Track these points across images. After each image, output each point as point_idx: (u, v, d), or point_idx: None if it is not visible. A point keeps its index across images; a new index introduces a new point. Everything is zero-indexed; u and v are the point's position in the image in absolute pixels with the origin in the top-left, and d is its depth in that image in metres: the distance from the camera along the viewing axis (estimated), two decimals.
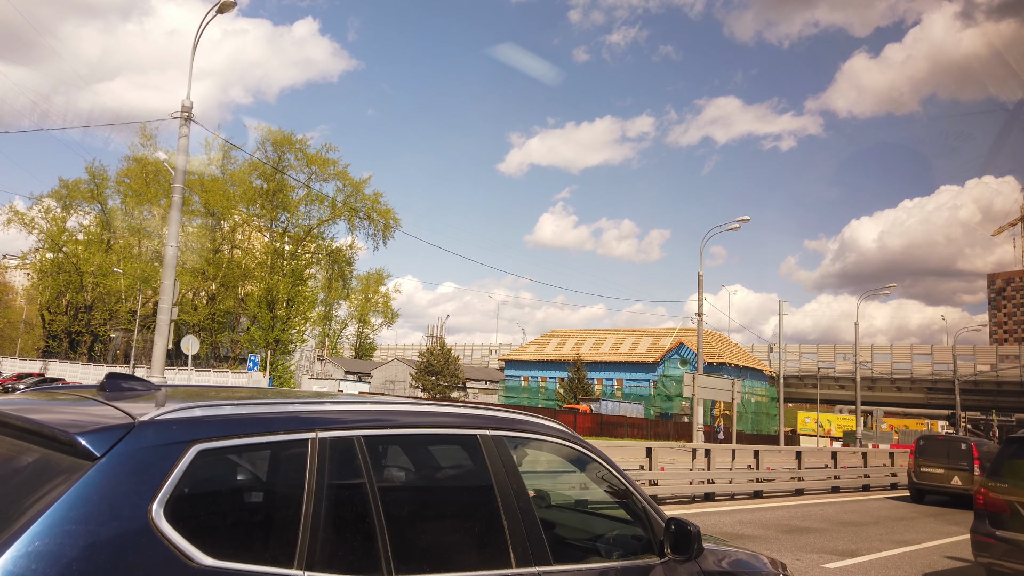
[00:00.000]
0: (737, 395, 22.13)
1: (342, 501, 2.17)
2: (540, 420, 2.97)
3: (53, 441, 1.86)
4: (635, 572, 2.90)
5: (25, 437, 1.93)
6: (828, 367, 71.50)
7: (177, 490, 1.85)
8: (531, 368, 69.42)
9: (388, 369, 71.31)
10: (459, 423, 2.68)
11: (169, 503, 1.82)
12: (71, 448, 1.81)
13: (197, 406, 2.06)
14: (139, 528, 1.77)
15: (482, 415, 2.75)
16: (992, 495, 7.80)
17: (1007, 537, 7.50)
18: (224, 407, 2.10)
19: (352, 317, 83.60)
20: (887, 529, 12.58)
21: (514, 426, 2.81)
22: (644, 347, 64.25)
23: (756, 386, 62.30)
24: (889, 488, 20.94)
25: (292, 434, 2.14)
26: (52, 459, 1.83)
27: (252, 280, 51.55)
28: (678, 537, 2.94)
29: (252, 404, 2.18)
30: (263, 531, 2.07)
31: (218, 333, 55.35)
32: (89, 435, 1.82)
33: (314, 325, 74.89)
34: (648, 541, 3.02)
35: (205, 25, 18.63)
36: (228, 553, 1.89)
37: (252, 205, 49.66)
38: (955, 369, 54.46)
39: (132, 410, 1.99)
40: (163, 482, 1.84)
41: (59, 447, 1.84)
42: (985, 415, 70.84)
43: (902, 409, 73.84)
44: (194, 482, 1.90)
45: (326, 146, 48.12)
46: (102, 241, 58.63)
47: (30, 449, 1.90)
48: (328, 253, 53.16)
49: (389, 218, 49.81)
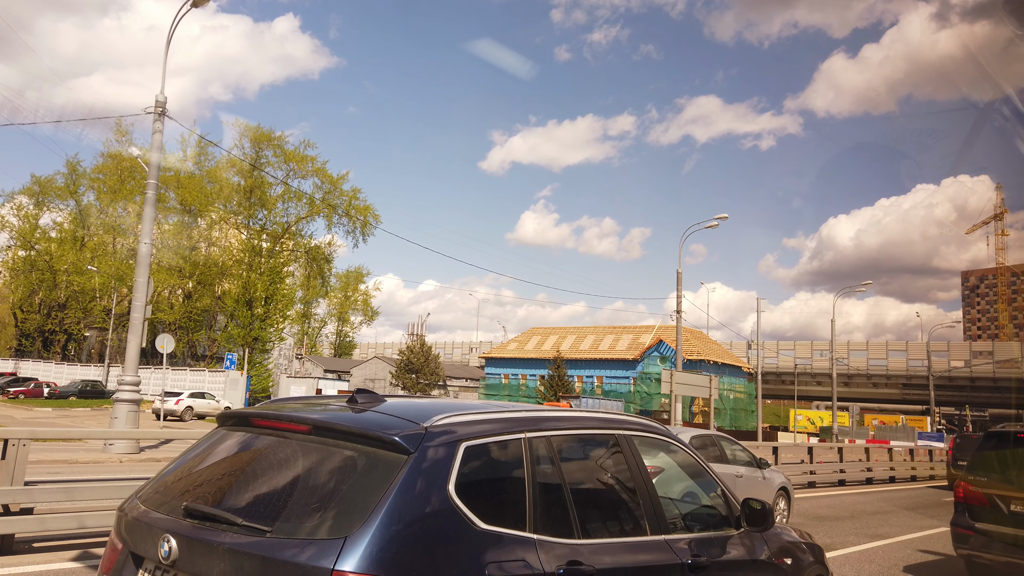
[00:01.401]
0: (715, 391, 22.20)
1: (546, 483, 2.92)
2: (649, 422, 3.83)
3: (378, 441, 2.54)
4: (723, 539, 3.73)
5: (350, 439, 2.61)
6: (805, 364, 72.18)
7: (459, 474, 2.57)
8: (512, 366, 69.33)
9: (368, 367, 70.82)
10: (605, 426, 3.50)
11: (456, 484, 2.54)
12: (392, 446, 2.51)
13: (453, 415, 2.80)
14: (443, 501, 2.48)
15: (616, 419, 3.63)
16: (971, 488, 7.86)
17: (986, 529, 7.56)
18: (469, 415, 2.85)
19: (331, 315, 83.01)
20: (861, 523, 12.66)
21: (636, 427, 3.66)
22: (624, 344, 64.40)
23: (735, 382, 62.64)
24: (864, 483, 21.13)
25: (513, 435, 2.91)
26: (379, 455, 2.52)
27: (229, 278, 50.91)
28: (753, 513, 3.82)
29: (485, 414, 2.94)
30: (508, 504, 2.75)
31: (195, 332, 54.65)
32: (404, 437, 2.53)
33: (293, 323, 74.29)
34: (726, 517, 3.87)
35: (179, 19, 18.33)
36: (492, 519, 2.59)
37: (229, 202, 49.00)
38: (929, 365, 55.20)
39: (412, 418, 2.71)
40: (452, 469, 2.57)
41: (382, 446, 2.53)
42: (959, 410, 71.93)
43: (878, 405, 74.67)
44: (467, 469, 2.62)
45: (304, 143, 47.82)
46: (76, 239, 57.67)
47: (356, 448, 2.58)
48: (307, 251, 52.66)
49: (368, 215, 49.43)
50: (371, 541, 2.24)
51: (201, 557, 2.43)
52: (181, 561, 2.47)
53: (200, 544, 2.44)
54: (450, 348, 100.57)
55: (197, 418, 34.57)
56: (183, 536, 2.49)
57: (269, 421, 2.90)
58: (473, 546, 2.49)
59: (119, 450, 16.82)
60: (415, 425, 2.61)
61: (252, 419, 2.97)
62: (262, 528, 2.38)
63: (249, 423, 2.98)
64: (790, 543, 4.22)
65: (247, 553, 2.32)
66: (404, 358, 60.64)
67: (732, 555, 3.68)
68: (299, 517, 2.41)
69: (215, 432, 3.11)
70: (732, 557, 3.67)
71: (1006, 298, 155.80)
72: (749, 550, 3.81)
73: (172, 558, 2.48)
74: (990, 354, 65.29)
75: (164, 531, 2.55)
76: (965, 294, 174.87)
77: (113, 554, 2.82)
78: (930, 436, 49.89)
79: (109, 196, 53.23)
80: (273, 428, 2.86)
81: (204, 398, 35.90)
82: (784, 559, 4.05)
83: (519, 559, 2.59)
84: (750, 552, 3.80)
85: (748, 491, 11.21)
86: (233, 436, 2.99)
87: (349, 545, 2.23)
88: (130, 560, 2.72)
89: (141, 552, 2.67)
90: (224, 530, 2.44)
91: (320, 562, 2.20)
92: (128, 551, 2.74)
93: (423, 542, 2.38)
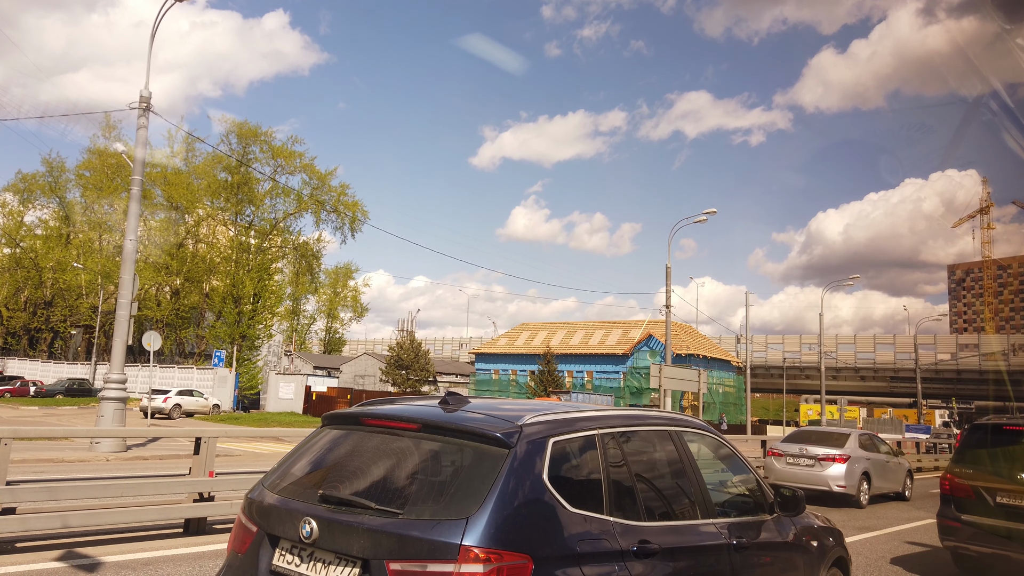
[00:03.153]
0: (703, 385, 22.22)
1: (617, 473, 3.36)
2: (695, 420, 4.28)
3: (483, 438, 2.97)
4: (759, 523, 4.13)
5: (457, 435, 3.05)
6: (794, 357, 72.53)
7: (550, 465, 3.01)
8: (501, 361, 69.26)
9: (357, 364, 70.51)
10: (660, 423, 3.97)
11: (549, 473, 2.97)
12: (496, 442, 2.94)
13: (540, 415, 3.24)
14: (541, 488, 2.91)
15: (669, 417, 4.12)
16: (957, 480, 7.90)
17: (972, 521, 7.60)
18: (552, 415, 3.28)
19: (321, 312, 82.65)
20: (848, 516, 12.72)
21: (685, 424, 4.11)
22: (614, 339, 64.45)
23: (724, 377, 62.85)
24: None
25: (589, 432, 3.34)
26: (484, 449, 2.95)
27: (217, 275, 50.58)
28: (786, 499, 4.32)
29: (564, 414, 3.37)
30: (589, 490, 3.17)
31: (183, 329, 54.25)
32: (505, 434, 2.96)
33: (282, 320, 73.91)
34: (760, 503, 4.29)
35: (164, 13, 18.17)
36: (578, 504, 3.02)
37: (217, 199, 48.64)
38: (916, 358, 55.57)
39: (505, 418, 3.13)
40: (544, 460, 2.99)
41: (488, 442, 2.96)
42: (945, 403, 72.46)
43: (866, 398, 75.18)
44: (556, 462, 3.05)
45: (292, 138, 47.69)
46: (61, 236, 57.16)
47: (462, 443, 3.02)
48: (295, 247, 52.39)
49: (356, 211, 49.25)
50: (488, 521, 2.67)
51: (341, 536, 2.85)
52: (321, 539, 2.89)
53: (339, 525, 2.87)
54: (440, 344, 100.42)
55: (185, 416, 34.34)
56: (323, 518, 2.91)
57: (379, 420, 3.33)
58: (566, 526, 2.92)
59: (105, 448, 16.69)
60: (511, 424, 3.05)
61: (362, 419, 3.39)
62: (394, 511, 2.81)
63: (359, 422, 3.40)
64: (815, 527, 4.66)
65: (384, 532, 2.75)
66: (394, 354, 60.37)
67: (767, 537, 4.10)
68: (424, 501, 2.86)
69: (321, 431, 3.55)
70: (767, 539, 4.10)
71: (992, 291, 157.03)
72: (782, 533, 4.24)
73: (313, 537, 2.90)
74: (976, 347, 65.82)
75: (304, 515, 2.96)
76: (951, 287, 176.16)
77: (246, 535, 3.23)
78: (917, 428, 50.23)
79: (95, 193, 52.75)
80: (384, 427, 3.29)
81: (192, 396, 35.66)
82: (812, 541, 4.50)
83: (602, 537, 3.03)
84: (782, 534, 4.24)
85: (892, 472, 15.69)
86: (343, 433, 3.42)
87: (471, 524, 2.67)
88: (266, 540, 3.12)
89: (279, 533, 3.09)
90: (360, 513, 2.87)
91: (449, 538, 2.64)
92: (264, 533, 3.14)
93: (528, 521, 2.81)
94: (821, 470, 13.94)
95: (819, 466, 14.01)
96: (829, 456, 13.98)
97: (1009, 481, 7.50)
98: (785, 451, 14.65)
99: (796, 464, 14.37)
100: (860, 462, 14.20)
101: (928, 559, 9.15)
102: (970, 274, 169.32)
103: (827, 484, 13.76)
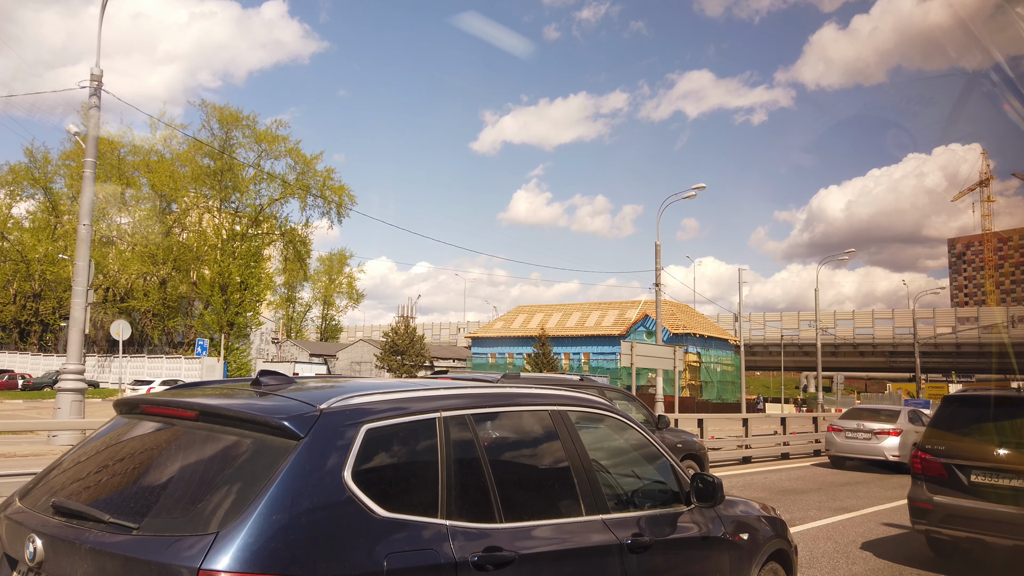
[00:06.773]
0: (679, 363, 21.40)
1: (464, 465, 2.70)
2: (587, 396, 3.62)
3: (265, 426, 2.35)
4: (670, 517, 3.53)
5: (237, 424, 2.42)
6: (792, 335, 71.95)
7: (358, 460, 2.38)
8: (498, 345, 68.81)
9: (353, 350, 70.14)
10: (536, 402, 3.27)
11: (354, 470, 2.35)
12: (281, 431, 2.32)
13: (356, 395, 2.59)
14: (337, 489, 2.29)
15: (550, 394, 3.38)
16: (928, 458, 7.26)
17: (945, 503, 6.97)
18: (375, 395, 2.65)
19: (316, 299, 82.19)
20: (828, 496, 12.14)
21: (572, 402, 3.45)
22: (610, 320, 63.88)
23: (722, 355, 62.31)
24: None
25: (426, 414, 2.69)
26: (266, 440, 2.33)
27: (205, 263, 49.95)
28: (704, 488, 3.65)
29: (393, 392, 2.74)
30: (416, 489, 2.56)
31: (171, 319, 53.68)
32: (293, 421, 2.34)
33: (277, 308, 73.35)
34: (676, 493, 3.71)
35: None
36: (395, 506, 2.41)
37: (202, 186, 47.91)
38: (915, 333, 54.83)
39: (309, 400, 2.51)
40: (349, 454, 2.37)
41: (270, 431, 2.34)
42: (945, 376, 71.93)
43: (865, 374, 74.73)
44: (367, 454, 2.43)
45: (276, 122, 46.52)
46: (48, 227, 56.52)
47: (243, 434, 2.38)
48: (283, 233, 51.68)
49: (343, 195, 48.48)
50: (246, 536, 2.05)
51: (65, 558, 2.26)
52: (47, 563, 2.30)
53: (64, 544, 2.27)
54: (438, 329, 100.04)
55: None
56: (48, 536, 2.32)
57: (157, 407, 2.71)
58: (370, 536, 2.30)
59: (64, 442, 16.11)
60: (311, 407, 2.44)
61: (142, 405, 2.77)
62: (128, 525, 2.20)
63: (139, 410, 2.77)
64: (747, 518, 4.07)
65: (109, 553, 2.15)
66: (389, 340, 60.03)
67: (680, 533, 3.53)
68: (170, 512, 2.23)
69: (111, 421, 2.91)
70: (680, 535, 3.52)
71: (992, 264, 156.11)
72: (700, 527, 3.65)
73: (38, 559, 2.31)
74: (976, 320, 65.19)
75: (31, 531, 2.37)
76: (952, 261, 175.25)
77: None
78: (916, 403, 49.72)
79: (80, 182, 52.01)
80: (161, 415, 2.69)
81: None
82: (740, 535, 3.91)
83: (426, 548, 2.42)
84: (701, 529, 3.65)
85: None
86: (124, 424, 2.79)
87: (220, 541, 2.04)
88: (5, 562, 2.56)
89: (13, 554, 2.49)
90: (90, 528, 2.27)
91: (186, 561, 2.01)
92: (3, 552, 2.57)
93: (309, 535, 2.17)
94: (878, 442, 15.89)
95: (875, 439, 15.96)
96: (884, 430, 15.93)
97: (985, 458, 6.86)
98: (844, 427, 16.49)
99: (854, 437, 16.22)
100: (910, 435, 15.68)
101: (901, 544, 8.58)
102: (971, 247, 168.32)
103: (883, 455, 15.74)
